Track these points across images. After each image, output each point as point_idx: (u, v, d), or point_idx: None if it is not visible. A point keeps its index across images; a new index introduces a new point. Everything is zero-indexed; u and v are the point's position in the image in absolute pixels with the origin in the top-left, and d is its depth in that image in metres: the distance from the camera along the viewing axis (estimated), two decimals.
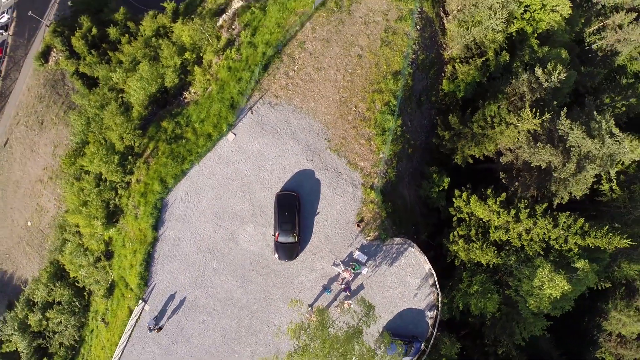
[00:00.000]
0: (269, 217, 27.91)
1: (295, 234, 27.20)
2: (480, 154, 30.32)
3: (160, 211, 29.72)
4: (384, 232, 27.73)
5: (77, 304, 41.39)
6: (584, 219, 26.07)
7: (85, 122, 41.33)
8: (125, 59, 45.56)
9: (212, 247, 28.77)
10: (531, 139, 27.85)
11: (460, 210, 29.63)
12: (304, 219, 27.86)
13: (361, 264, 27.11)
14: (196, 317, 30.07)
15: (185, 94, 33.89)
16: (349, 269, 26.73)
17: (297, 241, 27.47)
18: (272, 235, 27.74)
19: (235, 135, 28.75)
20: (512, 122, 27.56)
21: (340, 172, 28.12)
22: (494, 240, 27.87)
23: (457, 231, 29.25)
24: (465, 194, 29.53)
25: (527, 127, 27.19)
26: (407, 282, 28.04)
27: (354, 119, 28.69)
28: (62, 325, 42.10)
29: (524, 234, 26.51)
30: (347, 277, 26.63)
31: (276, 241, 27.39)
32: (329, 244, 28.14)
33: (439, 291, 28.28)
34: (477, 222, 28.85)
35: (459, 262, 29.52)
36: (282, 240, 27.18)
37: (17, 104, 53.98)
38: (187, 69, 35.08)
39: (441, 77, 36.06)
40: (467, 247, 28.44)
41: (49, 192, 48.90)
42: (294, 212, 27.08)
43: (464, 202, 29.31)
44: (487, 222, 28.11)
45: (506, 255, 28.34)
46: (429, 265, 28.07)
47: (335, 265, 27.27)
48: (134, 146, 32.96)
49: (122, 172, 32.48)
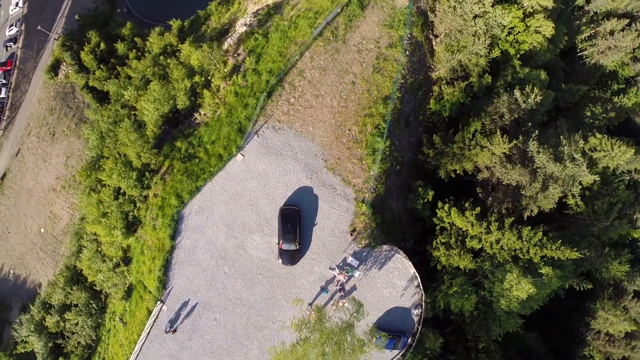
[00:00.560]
0: (273, 228, 34.26)
1: (296, 243, 33.51)
2: (461, 170, 36.55)
3: (177, 223, 36.09)
4: (374, 240, 34.02)
5: (94, 306, 47.88)
6: (542, 233, 32.19)
7: (98, 136, 47.43)
8: (134, 75, 51.89)
9: (224, 254, 35.16)
10: (504, 159, 34.03)
11: (442, 220, 35.90)
12: (304, 229, 34.18)
13: (354, 268, 33.43)
14: (209, 315, 36.49)
15: (195, 115, 40.15)
16: (343, 272, 33.05)
17: (298, 248, 33.80)
18: (276, 243, 34.07)
19: (243, 156, 35.08)
20: (485, 145, 33.75)
21: (335, 188, 34.41)
22: (470, 247, 34.14)
23: (439, 239, 35.56)
24: (447, 206, 35.78)
25: (499, 151, 33.35)
26: (394, 283, 34.36)
27: (348, 141, 34.92)
28: (80, 326, 48.53)
29: (494, 243, 32.78)
30: (341, 280, 32.97)
31: (280, 249, 33.73)
32: (326, 250, 34.45)
33: (423, 292, 34.61)
34: (457, 231, 35.13)
35: (440, 267, 35.82)
36: (285, 247, 33.51)
37: (27, 115, 60.28)
38: (196, 91, 41.29)
39: (429, 96, 42.21)
40: (447, 253, 34.75)
41: (62, 201, 55.36)
42: (296, 224, 33.39)
43: (445, 213, 35.57)
44: (464, 231, 34.38)
45: (481, 260, 34.63)
46: (414, 269, 34.36)
47: (331, 269, 33.59)
48: (150, 163, 39.27)
49: (140, 187, 38.83)
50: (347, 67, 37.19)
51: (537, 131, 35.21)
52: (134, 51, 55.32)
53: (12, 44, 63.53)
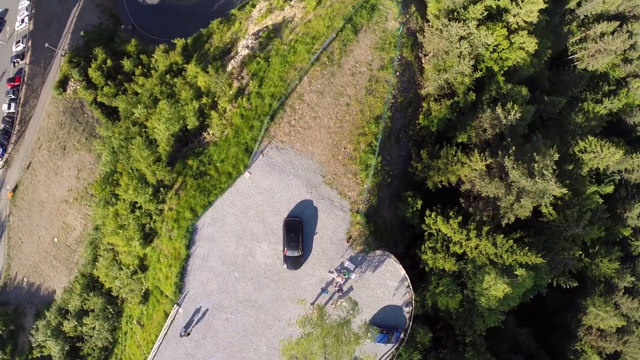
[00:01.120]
0: (278, 237, 41.18)
1: (299, 249, 40.45)
2: (446, 182, 43.42)
3: (192, 234, 43.06)
4: (368, 246, 40.96)
5: (110, 310, 55.01)
6: (512, 240, 38.89)
7: (110, 151, 54.28)
8: (141, 91, 58.86)
9: (235, 261, 42.13)
10: (484, 173, 40.86)
11: (430, 227, 42.82)
12: (306, 238, 41.12)
13: (350, 271, 40.34)
14: (222, 316, 43.51)
15: (204, 134, 47.03)
16: (341, 275, 39.97)
17: (301, 255, 40.75)
18: (281, 250, 41.01)
19: (250, 173, 41.98)
20: (466, 162, 40.61)
21: (333, 201, 41.32)
22: (454, 252, 41.04)
23: (427, 244, 42.50)
24: (434, 214, 42.68)
25: (477, 167, 40.18)
26: (387, 284, 41.31)
27: (343, 158, 41.79)
28: (97, 329, 55.62)
29: (474, 249, 39.66)
30: (339, 281, 39.90)
31: (285, 255, 40.68)
32: (325, 256, 41.38)
33: (413, 291, 41.55)
34: (442, 237, 42.04)
35: (428, 269, 42.77)
36: (289, 254, 40.46)
37: (37, 129, 67.21)
38: (204, 112, 48.10)
39: (418, 112, 49.05)
40: (434, 256, 41.69)
41: (75, 212, 62.40)
42: (298, 233, 40.32)
43: (432, 220, 42.47)
44: (449, 237, 41.28)
45: (464, 263, 41.54)
46: (404, 271, 41.28)
47: (330, 272, 40.51)
48: (164, 180, 46.16)
49: (156, 201, 45.75)
50: (342, 89, 44.01)
51: (514, 147, 41.95)
52: (140, 68, 62.23)
53: (19, 59, 70.29)
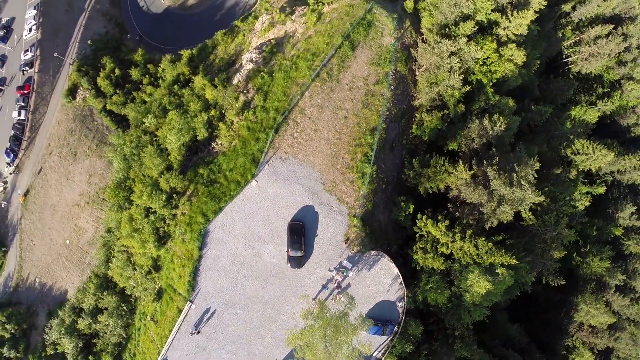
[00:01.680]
0: (283, 239, 48.33)
1: (302, 250, 47.56)
2: (435, 188, 50.49)
3: (203, 236, 50.18)
4: (364, 247, 48.07)
5: (124, 308, 62.29)
6: (492, 243, 45.84)
7: (122, 158, 61.25)
8: (149, 99, 65.82)
9: (243, 261, 49.30)
10: (469, 181, 47.88)
11: (420, 229, 49.92)
12: (308, 239, 48.23)
13: (348, 269, 47.47)
14: (231, 311, 50.71)
15: (213, 144, 54.06)
16: (339, 273, 47.10)
17: (303, 255, 47.88)
18: (285, 251, 48.15)
19: (257, 182, 49.06)
20: (452, 172, 47.67)
21: (332, 206, 48.43)
22: (442, 252, 48.16)
23: (418, 245, 49.63)
24: (424, 217, 49.76)
25: (462, 177, 47.23)
26: (381, 281, 48.48)
27: (342, 167, 48.82)
28: (111, 326, 62.86)
29: (459, 250, 46.79)
30: (338, 279, 47.05)
31: (289, 255, 47.80)
32: (325, 256, 48.49)
33: (405, 288, 48.69)
34: (432, 238, 49.17)
35: (419, 267, 49.92)
36: (293, 254, 47.57)
37: (47, 136, 74.23)
38: (212, 123, 55.07)
39: (412, 122, 56.05)
40: (424, 256, 48.82)
41: (87, 215, 69.56)
42: (301, 235, 47.44)
43: (423, 223, 49.57)
44: (437, 239, 48.39)
45: (452, 262, 48.67)
46: (397, 269, 48.41)
47: (330, 270, 47.66)
48: (176, 187, 53.20)
49: (170, 207, 52.84)
50: (340, 104, 50.99)
51: (498, 157, 48.91)
52: (147, 77, 69.22)
53: (28, 68, 77.09)
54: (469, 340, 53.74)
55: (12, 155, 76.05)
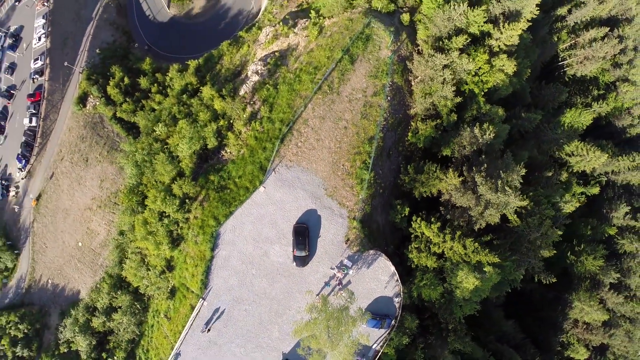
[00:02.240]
0: (289, 240, 55.99)
1: (306, 250, 55.18)
2: (429, 193, 58.12)
3: (215, 238, 57.89)
4: (363, 246, 55.73)
5: (137, 306, 70.08)
6: (477, 243, 53.46)
7: (134, 165, 68.85)
8: (158, 108, 73.44)
9: (252, 260, 57.00)
10: (459, 186, 55.45)
11: (415, 230, 57.56)
12: (312, 240, 55.86)
13: (348, 267, 55.10)
14: (241, 307, 58.44)
15: (222, 152, 61.68)
16: (341, 270, 54.73)
17: (307, 254, 55.49)
18: (291, 251, 55.79)
19: (264, 188, 56.74)
20: (443, 178, 55.30)
21: (333, 210, 56.08)
22: (434, 251, 55.83)
23: (413, 244, 57.30)
24: (419, 219, 57.40)
25: (452, 182, 54.85)
26: (379, 278, 56.13)
27: (342, 174, 56.46)
28: (124, 324, 70.60)
29: (449, 249, 54.46)
30: (339, 276, 54.70)
31: (294, 255, 55.47)
32: (328, 255, 56.11)
33: (401, 284, 56.34)
34: (426, 239, 56.83)
35: (414, 265, 57.60)
36: (298, 254, 55.24)
37: (59, 142, 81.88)
38: (221, 132, 62.65)
39: (408, 130, 63.61)
40: (418, 255, 56.50)
41: (99, 218, 77.30)
42: (305, 236, 55.08)
43: (417, 225, 57.21)
44: (430, 239, 56.05)
45: (444, 261, 56.34)
46: (394, 267, 56.06)
47: (332, 268, 55.32)
48: (189, 193, 60.85)
49: (183, 211, 60.51)
50: (340, 114, 58.58)
51: (486, 165, 56.47)
52: (156, 85, 76.81)
53: (38, 76, 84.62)
54: (462, 333, 61.52)
55: (23, 160, 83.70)
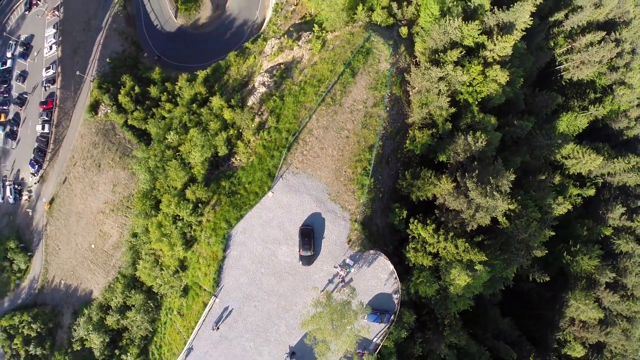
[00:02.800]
0: (295, 241, 64.67)
1: (311, 250, 63.87)
2: (425, 197, 66.80)
3: (227, 240, 66.63)
4: (364, 247, 64.40)
5: (150, 304, 78.97)
6: (467, 243, 62.06)
7: (146, 170, 77.60)
8: (168, 116, 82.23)
9: (261, 260, 65.76)
10: (452, 191, 64.09)
11: (412, 231, 66.24)
12: (316, 241, 64.57)
13: (350, 266, 63.80)
14: (250, 303, 67.18)
15: (232, 159, 70.37)
16: (343, 269, 63.45)
17: (312, 254, 64.20)
18: (297, 251, 64.47)
19: (273, 193, 65.45)
20: (437, 183, 63.97)
21: (336, 213, 64.79)
22: (429, 251, 64.50)
23: (410, 245, 66.01)
24: (415, 222, 66.07)
25: (445, 188, 63.53)
26: (379, 276, 64.84)
27: (344, 180, 65.14)
28: (138, 321, 79.43)
29: (443, 249, 63.15)
30: (342, 274, 63.44)
31: (300, 255, 64.15)
32: (331, 255, 64.81)
33: (400, 282, 65.03)
34: (422, 240, 65.52)
35: (412, 264, 66.29)
36: (304, 254, 63.92)
37: (71, 148, 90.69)
38: (231, 140, 71.33)
39: (405, 138, 72.28)
40: (415, 255, 65.21)
41: (112, 221, 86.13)
42: (310, 237, 63.80)
43: (414, 226, 65.89)
44: (426, 240, 64.73)
45: (438, 260, 65.01)
46: (392, 266, 64.74)
47: (335, 267, 64.03)
48: (201, 197, 69.58)
49: (196, 215, 69.24)
50: (342, 125, 67.26)
51: (477, 171, 65.05)
52: (166, 94, 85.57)
53: (50, 84, 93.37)
54: (457, 327, 70.28)
55: (36, 166, 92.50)
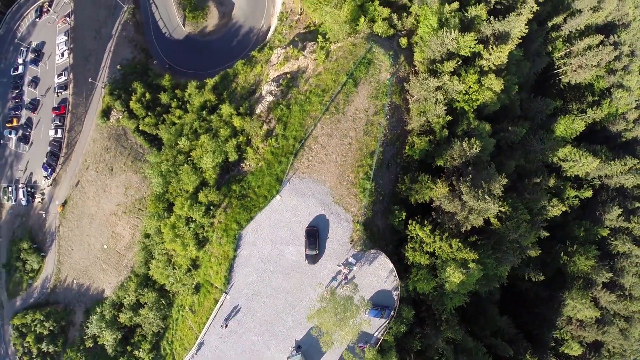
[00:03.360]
0: (301, 241, 74.11)
1: (316, 249, 73.27)
2: (422, 200, 76.17)
3: (237, 240, 76.14)
4: (365, 246, 73.80)
5: (163, 302, 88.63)
6: (460, 243, 71.38)
7: (158, 174, 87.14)
8: (179, 122, 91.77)
9: (270, 259, 75.26)
10: (447, 194, 73.42)
11: (411, 232, 75.64)
12: (321, 241, 73.99)
13: (353, 264, 73.19)
14: (259, 299, 76.69)
15: (242, 165, 79.82)
16: (346, 267, 72.85)
17: (317, 253, 73.61)
18: (303, 250, 73.90)
19: (281, 196, 74.95)
20: (433, 187, 73.33)
21: (340, 215, 74.22)
22: (426, 250, 73.89)
23: (409, 245, 75.43)
24: (414, 223, 75.46)
25: (441, 191, 72.89)
26: (379, 274, 74.25)
27: (347, 184, 74.54)
28: (150, 318, 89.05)
29: (438, 248, 72.53)
30: (345, 272, 72.86)
31: (306, 254, 73.57)
32: (335, 254, 74.24)
33: (399, 279, 74.43)
34: (420, 240, 74.92)
35: (410, 263, 75.69)
36: (309, 253, 73.32)
37: (83, 152, 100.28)
38: (240, 147, 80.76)
39: (405, 144, 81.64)
40: (414, 254, 74.62)
41: (124, 223, 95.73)
42: (316, 238, 73.21)
43: (413, 227, 75.29)
44: (423, 240, 74.13)
45: (435, 259, 74.38)
46: (392, 264, 74.13)
47: (338, 265, 73.44)
48: (213, 200, 79.04)
49: (208, 216, 78.73)
50: (345, 132, 76.63)
51: (471, 175, 74.31)
52: (175, 101, 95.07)
53: (62, 90, 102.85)
54: (453, 323, 79.71)
55: (49, 169, 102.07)
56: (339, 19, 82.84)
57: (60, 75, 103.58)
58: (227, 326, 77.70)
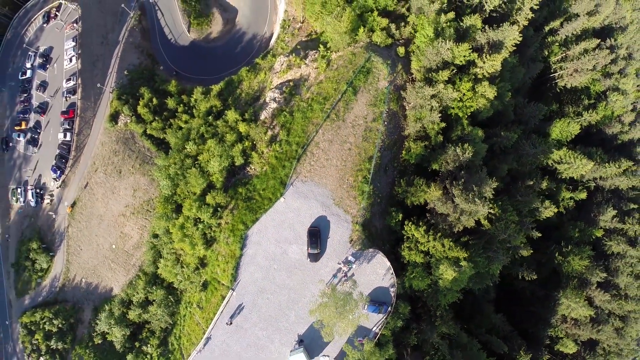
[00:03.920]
0: (304, 240, 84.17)
1: (318, 249, 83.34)
2: (417, 202, 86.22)
3: (244, 240, 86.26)
4: (364, 246, 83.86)
5: (171, 299, 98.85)
6: (452, 242, 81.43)
7: (166, 177, 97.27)
8: (185, 127, 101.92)
9: (274, 257, 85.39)
10: (440, 197, 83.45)
11: (407, 232, 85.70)
12: (322, 241, 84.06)
13: (352, 262, 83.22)
14: (264, 296, 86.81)
15: (248, 169, 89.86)
16: (346, 265, 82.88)
17: (319, 252, 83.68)
18: (306, 249, 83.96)
19: (284, 199, 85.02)
20: (427, 191, 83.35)
21: (340, 216, 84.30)
22: (421, 249, 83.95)
23: (405, 244, 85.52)
24: (410, 223, 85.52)
25: (434, 194, 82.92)
26: (377, 272, 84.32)
27: (347, 187, 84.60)
28: (159, 315, 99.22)
29: (432, 247, 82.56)
30: (345, 269, 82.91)
31: (308, 252, 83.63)
32: (335, 253, 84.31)
33: (396, 277, 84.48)
34: (415, 239, 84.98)
35: (406, 261, 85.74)
36: (311, 252, 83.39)
37: (92, 155, 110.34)
38: (246, 151, 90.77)
39: (402, 148, 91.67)
40: (409, 253, 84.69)
41: (132, 223, 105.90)
42: (317, 237, 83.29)
43: (409, 228, 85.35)
44: (418, 239, 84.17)
45: (429, 257, 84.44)
46: (389, 263, 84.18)
47: (338, 263, 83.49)
48: (221, 202, 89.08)
49: (215, 217, 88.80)
50: (345, 138, 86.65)
51: (464, 180, 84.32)
52: (182, 106, 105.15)
53: (70, 95, 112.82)
54: (447, 318, 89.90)
55: (58, 171, 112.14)
56: (340, 29, 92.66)
57: (68, 80, 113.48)
58: (231, 323, 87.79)
